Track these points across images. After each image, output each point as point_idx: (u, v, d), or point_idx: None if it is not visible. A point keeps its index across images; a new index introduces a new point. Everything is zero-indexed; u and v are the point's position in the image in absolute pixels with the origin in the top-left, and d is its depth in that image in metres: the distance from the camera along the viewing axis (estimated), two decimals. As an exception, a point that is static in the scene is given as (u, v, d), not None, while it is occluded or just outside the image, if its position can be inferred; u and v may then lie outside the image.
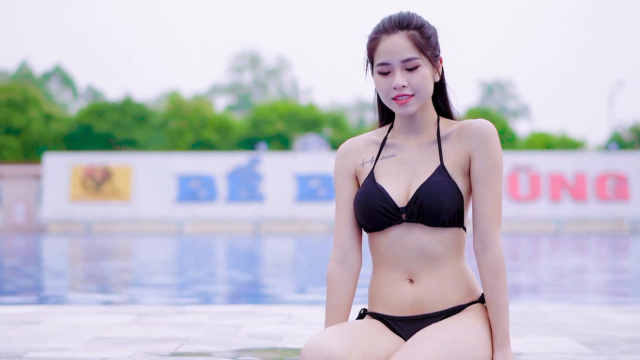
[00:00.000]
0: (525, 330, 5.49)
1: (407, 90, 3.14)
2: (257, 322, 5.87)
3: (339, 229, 3.32)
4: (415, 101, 3.17)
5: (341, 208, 3.32)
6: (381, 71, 3.17)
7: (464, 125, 3.23)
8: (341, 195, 3.33)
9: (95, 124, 62.94)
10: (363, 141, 3.36)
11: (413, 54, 3.14)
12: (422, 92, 3.17)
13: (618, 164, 48.26)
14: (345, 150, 3.35)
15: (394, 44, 3.15)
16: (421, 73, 3.15)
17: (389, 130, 3.35)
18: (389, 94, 3.16)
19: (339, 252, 3.30)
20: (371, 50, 3.22)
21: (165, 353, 4.46)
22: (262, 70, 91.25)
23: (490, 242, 3.18)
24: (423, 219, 3.14)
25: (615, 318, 6.09)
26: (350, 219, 3.31)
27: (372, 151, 3.32)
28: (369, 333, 3.14)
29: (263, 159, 48.38)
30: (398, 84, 3.12)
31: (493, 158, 3.19)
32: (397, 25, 3.17)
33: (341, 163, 3.35)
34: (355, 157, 3.33)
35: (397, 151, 3.28)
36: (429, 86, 3.18)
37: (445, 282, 3.20)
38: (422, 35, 3.18)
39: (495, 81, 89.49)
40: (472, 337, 3.10)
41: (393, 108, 3.19)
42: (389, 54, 3.15)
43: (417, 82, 3.14)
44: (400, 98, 3.15)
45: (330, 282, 3.28)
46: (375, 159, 3.28)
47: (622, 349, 4.59)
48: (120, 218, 46.79)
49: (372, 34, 3.22)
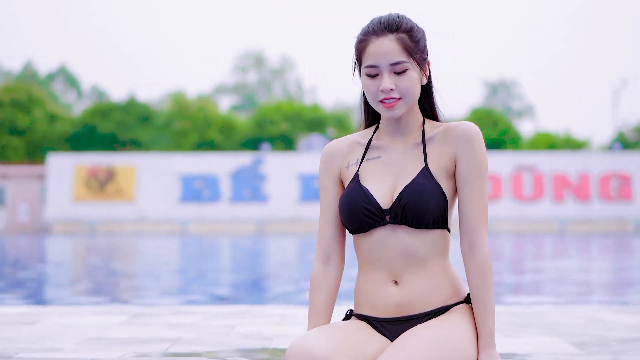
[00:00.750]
0: (519, 330, 5.49)
1: (394, 93, 3.14)
2: (250, 323, 5.88)
3: (323, 230, 3.34)
4: (403, 105, 3.17)
5: (325, 209, 3.34)
6: (369, 73, 3.17)
7: (449, 128, 3.24)
8: (325, 197, 3.34)
9: (99, 124, 63.00)
10: (348, 143, 3.36)
11: (402, 58, 3.14)
12: (410, 95, 3.17)
13: (622, 164, 48.21)
14: (330, 152, 3.36)
15: (383, 46, 3.15)
16: (409, 77, 3.15)
17: (374, 132, 3.35)
18: (377, 97, 3.17)
19: (322, 253, 3.32)
20: (359, 52, 3.21)
21: (156, 354, 4.47)
22: (267, 70, 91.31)
23: (477, 243, 3.19)
24: (407, 221, 3.15)
25: (611, 318, 6.09)
26: (334, 220, 3.32)
27: (357, 153, 3.32)
28: (355, 334, 3.14)
29: (267, 159, 48.40)
30: (386, 87, 3.13)
31: (478, 160, 3.19)
32: (387, 27, 3.17)
33: (326, 165, 3.36)
34: (340, 159, 3.34)
35: (382, 153, 3.28)
36: (416, 90, 3.19)
37: (430, 283, 3.20)
38: (411, 38, 3.18)
39: (500, 81, 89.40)
40: (457, 337, 3.11)
41: (380, 111, 3.20)
42: (378, 57, 3.15)
43: (405, 86, 3.15)
44: (388, 101, 3.15)
45: (314, 282, 3.30)
46: (360, 161, 3.29)
47: (613, 350, 4.59)
48: (124, 218, 46.84)
49: (361, 35, 3.22)
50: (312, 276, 3.32)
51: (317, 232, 3.35)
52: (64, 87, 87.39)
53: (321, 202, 3.36)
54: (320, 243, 3.33)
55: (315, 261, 3.32)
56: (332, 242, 3.32)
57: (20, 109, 61.84)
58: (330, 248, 3.32)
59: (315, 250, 3.33)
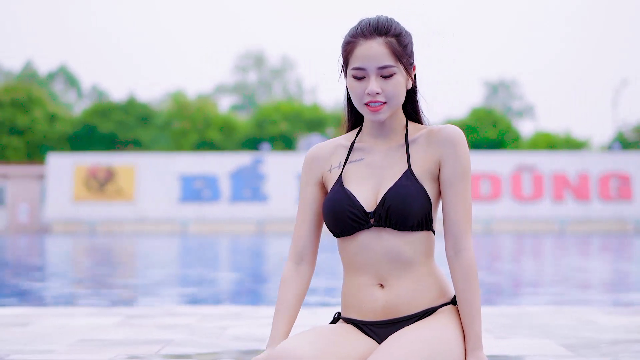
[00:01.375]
0: (510, 331, 5.51)
1: (380, 97, 3.14)
2: (243, 324, 5.89)
3: (298, 231, 3.35)
4: (388, 109, 3.17)
5: (302, 211, 3.35)
6: (356, 75, 3.17)
7: (433, 131, 3.24)
8: (304, 199, 3.35)
9: (99, 124, 62.98)
10: (331, 146, 3.37)
11: (390, 62, 3.14)
12: (395, 100, 3.17)
13: (621, 163, 48.20)
14: (313, 155, 3.36)
15: (372, 49, 3.15)
16: (395, 81, 3.16)
17: (357, 134, 3.36)
18: (362, 99, 3.17)
19: (295, 254, 3.33)
20: (347, 53, 3.21)
21: (146, 355, 4.49)
22: (267, 70, 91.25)
23: (462, 246, 3.20)
24: (391, 223, 3.15)
25: (602, 320, 6.10)
26: (309, 222, 3.34)
27: (340, 156, 3.32)
28: (342, 337, 3.15)
29: (266, 159, 48.40)
30: (372, 91, 3.13)
31: (463, 164, 3.20)
32: (376, 30, 3.17)
33: (308, 168, 3.37)
34: (323, 163, 3.34)
35: (365, 155, 3.29)
36: (401, 94, 3.19)
37: (416, 285, 3.21)
38: (399, 43, 3.18)
39: (500, 81, 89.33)
40: (445, 339, 3.11)
41: (364, 113, 3.20)
42: (365, 60, 3.15)
43: (391, 90, 3.15)
44: (373, 104, 3.15)
45: (284, 281, 3.30)
46: (344, 164, 3.30)
47: (602, 351, 4.61)
48: (124, 218, 46.84)
49: (349, 37, 3.21)
50: (283, 275, 3.31)
51: (293, 233, 3.36)
52: (64, 87, 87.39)
53: (299, 203, 3.37)
54: (294, 243, 3.34)
55: (287, 261, 3.34)
56: (306, 243, 3.34)
57: (20, 108, 61.82)
58: (304, 249, 3.33)
59: (289, 249, 3.34)
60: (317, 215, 3.35)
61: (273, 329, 3.24)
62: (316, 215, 3.35)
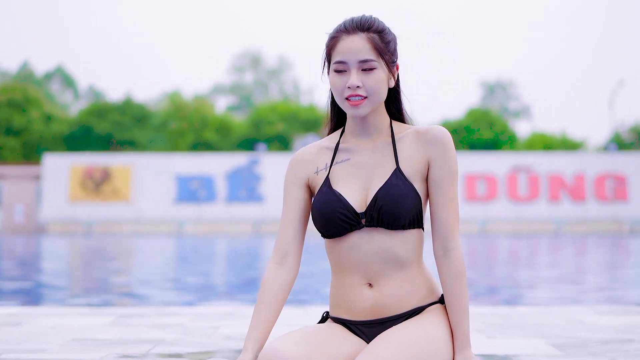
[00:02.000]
0: (500, 331, 5.53)
1: (361, 91, 3.17)
2: (236, 324, 5.92)
3: (282, 232, 3.34)
4: (368, 103, 3.19)
5: (286, 213, 3.35)
6: (337, 69, 3.20)
7: (420, 131, 3.26)
8: (288, 201, 3.35)
9: (95, 124, 62.95)
10: (316, 149, 3.38)
11: (371, 56, 3.17)
12: (376, 95, 3.19)
13: (617, 164, 48.25)
14: (298, 158, 3.38)
15: (353, 43, 3.18)
16: (376, 76, 3.18)
17: (341, 135, 3.38)
18: (343, 93, 3.19)
19: (278, 255, 3.33)
20: (330, 49, 3.25)
21: (138, 354, 4.51)
22: (264, 71, 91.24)
23: (451, 246, 3.23)
24: (383, 223, 3.18)
25: (592, 320, 6.13)
26: (294, 224, 3.33)
27: (325, 158, 3.34)
28: (329, 337, 3.17)
29: (263, 160, 48.40)
30: (353, 84, 3.15)
31: (451, 165, 3.23)
32: (359, 26, 3.20)
33: (294, 170, 3.37)
34: (309, 165, 3.35)
35: (350, 155, 3.31)
36: (382, 90, 3.21)
37: (405, 285, 3.23)
38: (382, 39, 3.21)
39: (497, 81, 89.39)
40: (432, 338, 3.14)
41: (345, 108, 3.22)
42: (347, 53, 3.18)
43: (372, 85, 3.17)
44: (353, 99, 3.18)
45: (264, 283, 3.28)
46: (330, 165, 3.31)
47: (590, 351, 4.63)
48: (120, 218, 46.81)
49: (332, 33, 3.25)
50: (264, 276, 3.30)
51: (277, 234, 3.37)
52: (61, 87, 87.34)
53: (284, 205, 3.36)
54: (277, 245, 3.33)
55: (269, 262, 3.33)
56: (290, 245, 3.32)
57: (17, 109, 61.80)
58: (287, 251, 3.32)
59: (272, 251, 3.34)
60: (302, 217, 3.34)
61: (250, 331, 3.20)
62: (301, 217, 3.34)
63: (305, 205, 3.34)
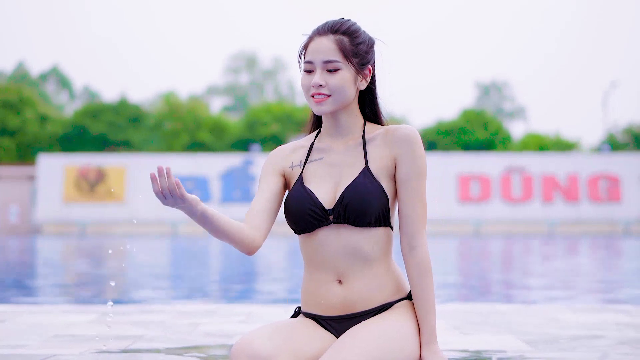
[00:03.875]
0: (477, 328, 5.63)
1: (324, 90, 3.27)
2: (216, 321, 6.01)
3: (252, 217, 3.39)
4: (331, 101, 3.29)
5: (258, 200, 3.41)
6: (306, 69, 3.32)
7: (390, 130, 3.35)
8: (261, 187, 3.43)
9: (90, 125, 62.91)
10: (291, 147, 3.49)
11: (335, 57, 3.27)
12: (339, 94, 3.29)
13: (610, 165, 48.34)
14: (277, 152, 3.49)
15: (321, 44, 3.29)
16: (340, 76, 3.28)
17: (317, 135, 3.49)
18: (309, 91, 3.31)
19: (246, 220, 3.39)
20: (304, 49, 3.37)
21: (116, 350, 4.61)
22: (259, 72, 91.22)
23: (417, 243, 3.31)
24: (349, 220, 3.27)
25: (568, 317, 6.23)
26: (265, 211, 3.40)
27: (300, 155, 3.45)
28: (301, 332, 3.26)
29: (257, 161, 48.46)
30: (315, 83, 3.26)
31: (417, 163, 3.31)
32: (329, 28, 3.32)
33: (271, 161, 3.47)
34: (285, 159, 3.46)
35: (324, 154, 3.41)
36: (347, 89, 3.30)
37: (374, 281, 3.32)
38: (351, 41, 3.31)
39: (492, 82, 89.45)
40: (400, 333, 3.23)
41: (310, 105, 3.33)
42: (314, 54, 3.29)
43: (335, 84, 3.27)
44: (317, 97, 3.28)
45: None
46: (304, 163, 3.42)
47: (561, 347, 4.73)
48: (115, 219, 46.83)
49: (309, 35, 3.37)
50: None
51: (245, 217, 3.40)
52: (56, 87, 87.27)
53: (257, 194, 3.43)
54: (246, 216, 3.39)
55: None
56: (259, 229, 3.37)
57: (11, 109, 61.77)
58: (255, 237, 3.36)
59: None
60: (273, 205, 3.42)
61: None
62: (272, 205, 3.42)
63: (279, 194, 3.43)
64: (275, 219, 3.45)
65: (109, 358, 4.28)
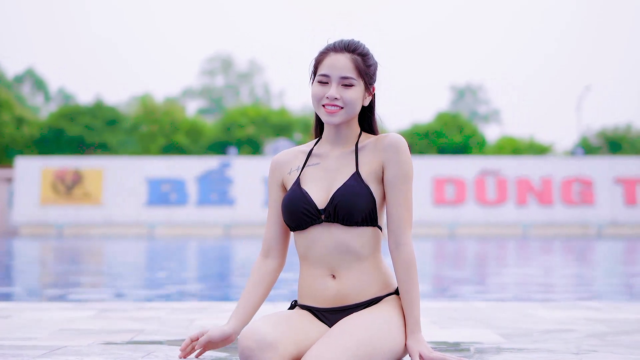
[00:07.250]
0: (454, 323, 5.98)
1: (338, 102, 3.66)
2: (209, 317, 6.32)
3: (266, 229, 3.87)
4: (343, 113, 3.68)
5: (270, 212, 3.86)
6: (321, 80, 3.69)
7: (379, 139, 3.74)
8: (271, 201, 3.86)
9: (66, 127, 62.89)
10: (294, 152, 3.89)
11: (351, 74, 3.66)
12: (351, 108, 3.67)
13: (584, 168, 48.79)
14: (276, 160, 3.89)
15: (339, 61, 3.67)
16: (354, 92, 3.67)
17: (317, 142, 3.87)
18: (321, 101, 3.68)
19: (263, 249, 3.84)
20: (317, 62, 3.74)
21: (121, 342, 4.93)
22: (234, 74, 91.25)
23: (402, 241, 3.69)
24: (339, 219, 3.65)
25: (541, 313, 6.58)
26: (276, 221, 3.84)
27: (299, 160, 3.83)
28: (299, 322, 3.63)
29: (233, 163, 48.61)
30: (331, 95, 3.64)
31: (403, 167, 3.68)
32: (346, 47, 3.70)
33: (272, 174, 3.88)
34: (284, 167, 3.85)
35: (321, 160, 3.79)
36: (357, 105, 3.69)
37: (364, 277, 3.69)
38: (364, 62, 3.71)
39: (467, 86, 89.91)
40: (388, 323, 3.60)
41: (320, 114, 3.71)
42: (331, 68, 3.67)
43: (349, 98, 3.65)
44: (330, 107, 3.66)
45: (252, 271, 3.81)
46: (302, 167, 3.80)
47: (533, 339, 5.08)
48: (92, 221, 46.90)
49: (323, 49, 3.74)
50: (252, 267, 3.82)
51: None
52: (32, 90, 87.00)
53: (269, 204, 3.88)
54: (263, 241, 3.85)
55: (258, 255, 3.85)
56: (273, 240, 3.84)
57: (-13, 112, 61.68)
58: (271, 245, 3.83)
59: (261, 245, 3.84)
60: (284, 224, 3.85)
61: (235, 310, 3.75)
62: (284, 226, 3.86)
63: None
64: (289, 237, 3.88)
65: (116, 349, 4.58)
